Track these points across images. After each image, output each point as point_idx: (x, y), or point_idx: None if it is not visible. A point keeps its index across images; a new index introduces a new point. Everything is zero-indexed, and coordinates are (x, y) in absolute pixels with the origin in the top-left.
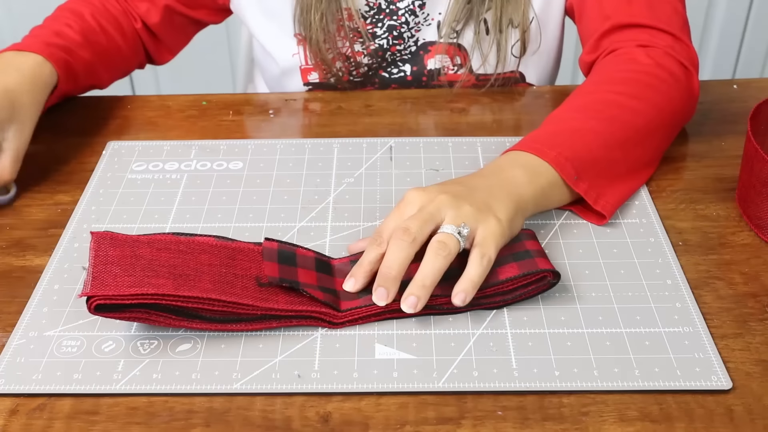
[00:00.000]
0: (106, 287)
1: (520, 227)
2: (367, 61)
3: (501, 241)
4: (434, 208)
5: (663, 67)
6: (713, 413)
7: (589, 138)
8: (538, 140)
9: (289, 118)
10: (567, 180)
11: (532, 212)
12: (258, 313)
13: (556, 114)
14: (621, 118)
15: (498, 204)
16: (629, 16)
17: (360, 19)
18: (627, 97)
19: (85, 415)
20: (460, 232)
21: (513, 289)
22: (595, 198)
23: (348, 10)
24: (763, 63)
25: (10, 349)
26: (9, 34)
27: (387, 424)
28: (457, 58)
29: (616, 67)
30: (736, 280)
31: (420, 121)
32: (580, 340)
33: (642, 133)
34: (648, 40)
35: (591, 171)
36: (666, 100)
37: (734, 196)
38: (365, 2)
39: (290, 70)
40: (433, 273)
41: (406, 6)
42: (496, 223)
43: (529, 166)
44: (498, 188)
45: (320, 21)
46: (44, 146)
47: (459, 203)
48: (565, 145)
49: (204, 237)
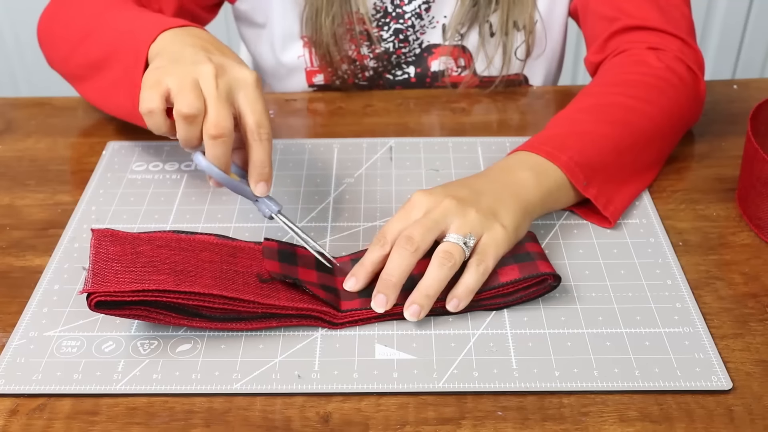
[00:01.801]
0: (107, 284)
1: (526, 231)
2: (373, 65)
3: (503, 250)
4: (439, 215)
5: (673, 71)
6: (713, 413)
7: (599, 142)
8: (548, 142)
9: (290, 118)
10: (576, 185)
11: (539, 215)
12: (258, 311)
13: (565, 114)
14: (631, 122)
15: (504, 210)
16: (639, 18)
17: (371, 23)
18: (637, 101)
19: (85, 416)
20: (466, 243)
21: (513, 291)
22: (604, 204)
23: (358, 13)
24: (763, 63)
25: (10, 350)
26: (9, 33)
27: (387, 425)
28: (461, 60)
29: (627, 69)
30: (736, 281)
31: (420, 121)
32: (580, 340)
33: (650, 137)
34: (658, 43)
35: (600, 176)
36: (675, 104)
37: (734, 196)
38: (372, 6)
39: (295, 71)
40: (437, 283)
41: (412, 9)
42: (501, 230)
43: (537, 168)
44: (505, 192)
45: (331, 24)
46: (44, 146)
47: (465, 210)
48: (575, 148)
49: (205, 235)
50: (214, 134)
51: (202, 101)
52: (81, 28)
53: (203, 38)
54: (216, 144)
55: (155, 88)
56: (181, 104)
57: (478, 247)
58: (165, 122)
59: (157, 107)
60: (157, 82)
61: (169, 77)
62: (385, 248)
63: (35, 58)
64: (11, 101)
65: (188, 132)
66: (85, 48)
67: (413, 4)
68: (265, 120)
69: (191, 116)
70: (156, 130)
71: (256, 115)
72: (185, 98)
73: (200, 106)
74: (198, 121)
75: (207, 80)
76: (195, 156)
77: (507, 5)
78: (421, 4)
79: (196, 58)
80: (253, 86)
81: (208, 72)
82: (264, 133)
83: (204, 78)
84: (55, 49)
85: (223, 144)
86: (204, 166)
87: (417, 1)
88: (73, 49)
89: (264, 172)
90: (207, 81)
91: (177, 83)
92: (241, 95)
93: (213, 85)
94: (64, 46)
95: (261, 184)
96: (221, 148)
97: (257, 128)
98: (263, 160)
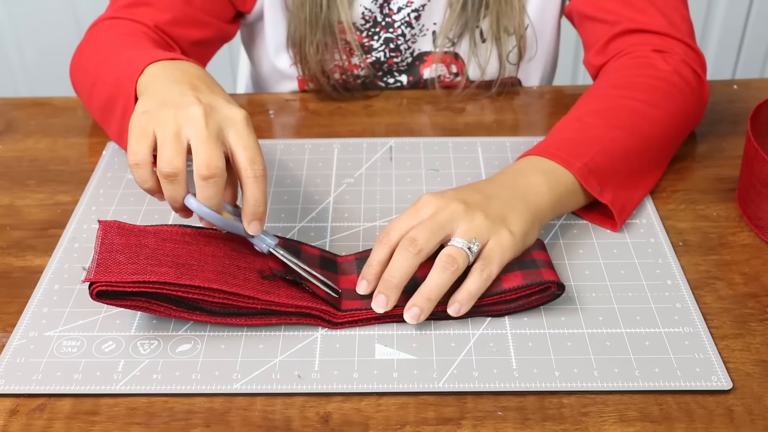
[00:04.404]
0: (109, 273)
1: (535, 238)
2: (364, 74)
3: (509, 256)
4: (446, 218)
5: (680, 74)
6: (713, 413)
7: (610, 147)
8: (562, 147)
9: (289, 118)
10: (591, 191)
11: (549, 220)
12: (258, 307)
13: (575, 117)
14: (641, 127)
15: (514, 215)
16: (641, 22)
17: (353, 33)
18: (647, 105)
19: (85, 416)
20: (470, 248)
21: (515, 298)
22: (620, 209)
23: (341, 24)
24: (763, 63)
25: (10, 350)
26: (9, 33)
27: (387, 425)
28: (453, 66)
29: (635, 71)
30: (736, 281)
31: (420, 121)
32: (580, 340)
33: (659, 142)
34: (663, 46)
35: (613, 182)
36: (681, 109)
37: (734, 196)
38: (361, 15)
39: (288, 78)
40: (439, 287)
41: (402, 18)
42: (508, 236)
43: (549, 174)
44: (516, 198)
45: (315, 52)
46: (44, 146)
47: (472, 214)
48: (588, 155)
49: (210, 230)
50: (206, 175)
51: (183, 158)
52: (93, 73)
53: (191, 73)
54: (208, 185)
55: (142, 139)
56: (162, 162)
57: (483, 253)
58: (151, 177)
59: (144, 160)
60: (143, 131)
61: (156, 124)
62: (390, 246)
63: (35, 58)
64: (11, 101)
65: (171, 190)
66: (96, 92)
67: (402, 12)
68: (258, 156)
69: (172, 175)
70: (142, 184)
71: (249, 152)
72: (166, 154)
73: (180, 164)
74: (180, 179)
75: (196, 122)
76: (186, 198)
77: (496, 11)
78: (410, 12)
79: (184, 99)
80: (244, 124)
81: (196, 114)
82: (258, 170)
83: (193, 120)
84: (80, 95)
85: (215, 184)
86: (195, 207)
87: (406, 9)
88: (90, 95)
89: (258, 211)
90: (196, 122)
91: (162, 133)
92: (231, 133)
93: (203, 125)
94: (84, 92)
95: (254, 223)
96: (213, 189)
97: (251, 165)
98: (257, 198)
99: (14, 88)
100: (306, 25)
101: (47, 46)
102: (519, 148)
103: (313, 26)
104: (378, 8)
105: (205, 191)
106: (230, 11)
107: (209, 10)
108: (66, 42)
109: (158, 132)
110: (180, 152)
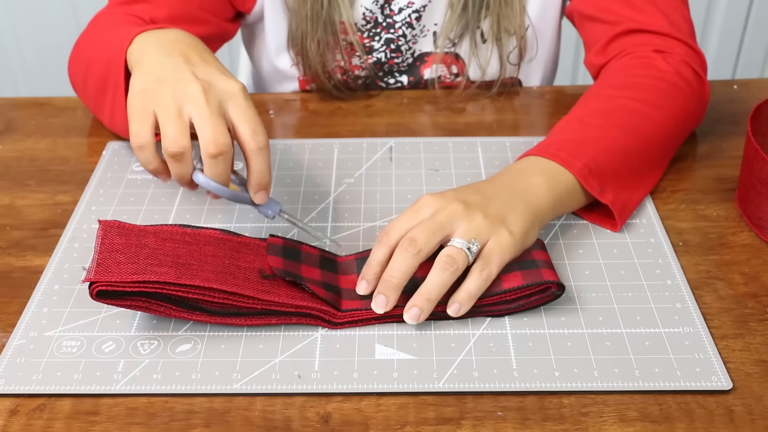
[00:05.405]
0: (109, 273)
1: (535, 238)
2: (365, 75)
3: (509, 256)
4: (445, 218)
5: (681, 75)
6: (713, 413)
7: (611, 148)
8: (562, 147)
9: (290, 118)
10: (591, 192)
11: (549, 220)
12: (258, 307)
13: (575, 117)
14: (642, 127)
15: (514, 216)
16: (642, 22)
17: (354, 34)
18: (648, 105)
19: (85, 416)
20: (470, 248)
21: (515, 298)
22: (620, 210)
23: (342, 24)
24: (763, 63)
25: (10, 350)
26: (9, 33)
27: (387, 425)
28: (454, 67)
29: (636, 72)
30: (736, 281)
31: (420, 121)
32: (581, 340)
33: (659, 142)
34: (664, 46)
35: (613, 182)
36: (682, 110)
37: (734, 196)
38: (362, 16)
39: (289, 78)
40: (439, 287)
41: (402, 19)
42: (508, 236)
43: (549, 174)
44: (516, 198)
45: (317, 49)
46: (44, 146)
47: (472, 214)
48: (589, 155)
49: (210, 230)
50: (215, 152)
51: (187, 136)
52: (86, 61)
53: (182, 41)
54: (217, 162)
55: (143, 120)
56: (167, 142)
57: (483, 253)
58: (156, 157)
59: (147, 141)
60: (144, 112)
61: (155, 104)
62: (390, 247)
63: (35, 58)
64: (11, 101)
65: (178, 169)
66: (90, 77)
67: (403, 13)
68: (260, 127)
69: (179, 154)
70: (146, 165)
71: (251, 124)
72: (171, 134)
73: (185, 143)
74: (186, 158)
75: (196, 100)
76: (194, 174)
77: (497, 12)
78: (411, 13)
79: (180, 75)
80: (242, 96)
81: (195, 91)
82: (261, 141)
83: (192, 98)
84: (76, 87)
85: (224, 161)
86: (203, 183)
87: (407, 10)
88: (84, 83)
89: (264, 181)
90: (197, 100)
91: (163, 112)
92: (231, 106)
93: (203, 102)
94: (79, 82)
95: (261, 193)
96: (222, 165)
97: (253, 136)
98: (262, 169)
99: (14, 88)
100: (307, 22)
101: (47, 46)
102: (519, 148)
103: (314, 23)
104: (379, 9)
105: (215, 168)
106: (230, 11)
107: (208, 8)
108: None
109: (159, 112)
110: (184, 131)
